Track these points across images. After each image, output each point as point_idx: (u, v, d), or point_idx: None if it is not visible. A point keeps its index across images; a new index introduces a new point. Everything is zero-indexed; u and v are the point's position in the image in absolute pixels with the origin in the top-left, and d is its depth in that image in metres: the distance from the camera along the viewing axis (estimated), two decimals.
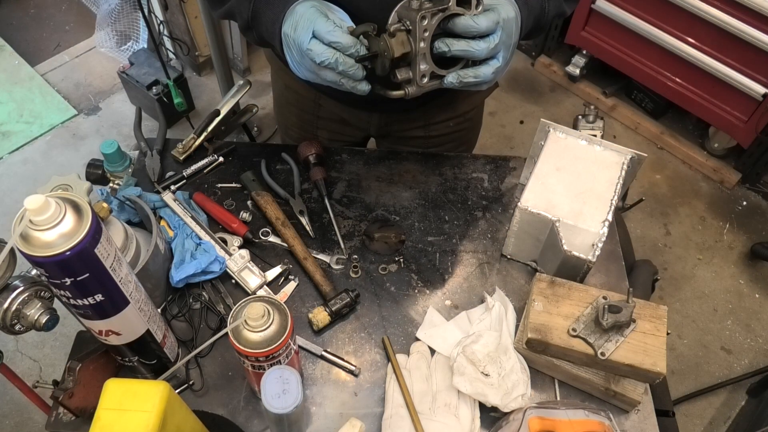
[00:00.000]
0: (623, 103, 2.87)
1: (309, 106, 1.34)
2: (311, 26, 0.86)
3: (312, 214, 1.19)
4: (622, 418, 0.97)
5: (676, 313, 2.28)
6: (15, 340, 2.08)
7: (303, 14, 0.88)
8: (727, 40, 2.26)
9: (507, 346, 0.96)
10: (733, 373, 2.14)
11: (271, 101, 1.54)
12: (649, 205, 2.58)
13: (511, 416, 0.89)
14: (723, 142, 2.64)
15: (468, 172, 1.28)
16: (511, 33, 0.91)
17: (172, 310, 1.06)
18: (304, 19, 0.87)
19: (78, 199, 0.69)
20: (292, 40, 0.89)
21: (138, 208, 1.07)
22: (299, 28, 0.88)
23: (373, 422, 0.95)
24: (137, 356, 0.89)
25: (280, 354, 0.82)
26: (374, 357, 1.02)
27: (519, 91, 2.99)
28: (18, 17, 3.26)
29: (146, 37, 2.83)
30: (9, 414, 1.97)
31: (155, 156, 1.23)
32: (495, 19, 0.87)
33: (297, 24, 0.88)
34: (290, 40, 0.89)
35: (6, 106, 2.83)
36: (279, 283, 1.10)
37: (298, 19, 0.88)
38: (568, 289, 0.98)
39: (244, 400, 0.97)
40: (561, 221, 1.00)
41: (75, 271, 0.68)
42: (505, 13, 0.88)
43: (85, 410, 0.91)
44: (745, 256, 2.44)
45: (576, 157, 1.08)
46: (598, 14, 2.60)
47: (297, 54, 0.90)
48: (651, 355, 0.91)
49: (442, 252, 1.16)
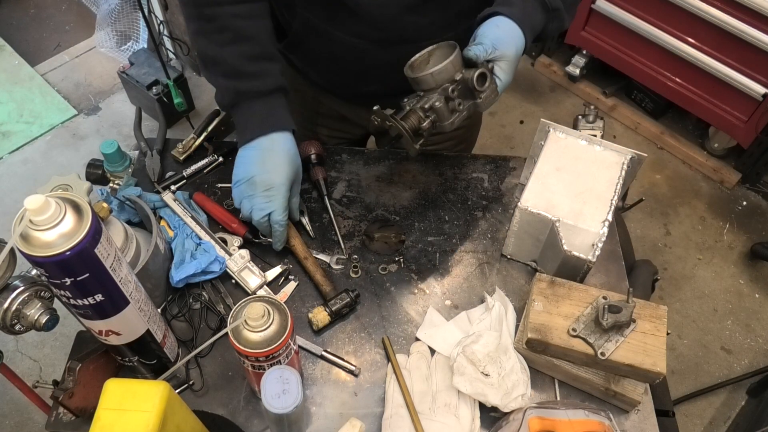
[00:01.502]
0: (623, 103, 2.86)
1: (309, 103, 1.35)
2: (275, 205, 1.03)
3: (312, 214, 1.19)
4: (622, 418, 0.97)
5: (676, 313, 2.28)
6: (15, 340, 2.08)
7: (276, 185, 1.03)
8: (727, 40, 2.26)
9: (507, 346, 0.96)
10: (733, 373, 2.14)
11: None
12: (649, 205, 2.58)
13: (511, 416, 0.89)
14: (723, 142, 2.64)
15: (468, 172, 1.28)
16: (513, 70, 1.00)
17: (172, 310, 1.06)
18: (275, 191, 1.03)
19: (78, 199, 0.69)
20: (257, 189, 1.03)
21: (138, 208, 1.07)
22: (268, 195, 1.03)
23: (373, 422, 0.95)
24: (137, 356, 0.89)
25: (280, 354, 0.82)
26: (374, 357, 1.02)
27: (519, 91, 2.99)
28: (18, 17, 3.26)
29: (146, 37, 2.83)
30: (9, 414, 1.97)
31: (155, 156, 1.23)
32: (507, 82, 0.99)
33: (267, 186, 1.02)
34: (261, 192, 1.03)
35: (6, 106, 2.83)
36: (279, 283, 1.10)
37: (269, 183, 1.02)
38: (568, 289, 0.98)
39: (244, 400, 0.97)
40: (561, 221, 1.00)
41: (75, 271, 0.68)
42: (512, 58, 0.97)
43: (85, 410, 0.91)
44: (745, 256, 2.44)
45: (576, 157, 1.08)
46: (598, 14, 2.60)
47: (249, 192, 1.04)
48: (651, 355, 0.91)
49: (442, 252, 1.16)
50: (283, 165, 1.02)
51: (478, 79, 0.94)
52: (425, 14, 1.03)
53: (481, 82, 0.95)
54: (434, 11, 1.03)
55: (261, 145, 1.02)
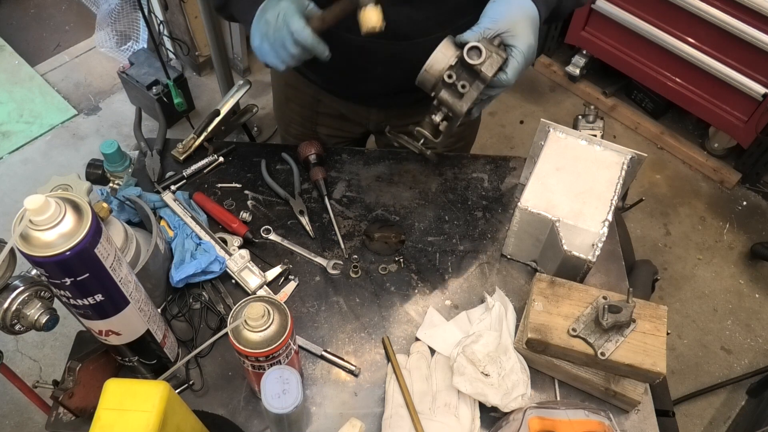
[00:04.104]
0: (623, 103, 2.86)
1: (308, 102, 1.35)
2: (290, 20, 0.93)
3: (312, 214, 1.19)
4: (622, 418, 0.97)
5: (676, 313, 2.28)
6: (15, 340, 2.08)
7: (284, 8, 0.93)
8: (727, 40, 2.26)
9: (507, 346, 0.96)
10: (733, 373, 2.14)
11: (271, 101, 1.54)
12: (649, 205, 2.58)
13: (511, 416, 0.89)
14: (723, 142, 2.64)
15: (468, 172, 1.28)
16: (532, 55, 0.94)
17: (172, 310, 1.06)
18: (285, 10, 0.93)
19: (78, 199, 0.69)
20: (274, 26, 0.93)
21: (138, 208, 1.07)
22: (283, 16, 0.93)
23: (373, 422, 0.95)
24: (137, 356, 0.89)
25: (280, 354, 0.82)
26: (374, 357, 1.02)
27: (519, 91, 2.99)
28: (18, 17, 3.26)
29: (146, 37, 2.83)
30: (9, 414, 1.97)
31: (155, 156, 1.23)
32: (519, 68, 0.92)
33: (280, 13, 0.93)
34: (273, 24, 0.93)
35: (6, 106, 2.83)
36: (279, 283, 1.10)
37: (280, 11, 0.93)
38: (568, 289, 0.98)
39: (244, 400, 0.97)
40: (561, 221, 1.00)
41: (75, 271, 0.68)
42: (521, 24, 0.91)
43: (85, 410, 0.91)
44: (745, 256, 2.44)
45: (576, 157, 1.08)
46: (598, 14, 2.59)
47: (274, 33, 0.94)
48: (651, 355, 0.91)
49: (442, 252, 1.16)
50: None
51: (469, 53, 0.90)
52: (419, 7, 1.02)
53: (475, 56, 0.90)
54: (428, 5, 1.03)
55: (260, 6, 0.97)
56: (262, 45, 0.96)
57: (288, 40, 0.93)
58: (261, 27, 0.96)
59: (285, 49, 0.94)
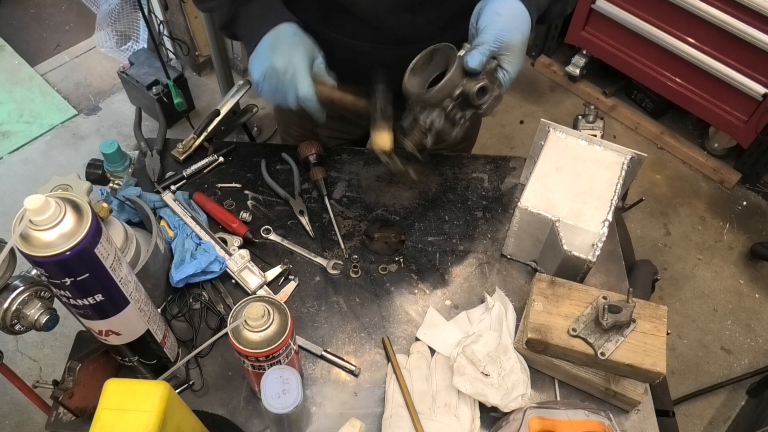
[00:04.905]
0: (623, 103, 2.86)
1: None
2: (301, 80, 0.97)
3: (312, 214, 1.19)
4: (622, 418, 0.97)
5: (676, 313, 2.28)
6: (15, 340, 2.08)
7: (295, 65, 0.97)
8: (727, 40, 2.26)
9: (507, 346, 0.96)
10: (733, 373, 2.14)
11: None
12: (649, 205, 2.58)
13: (511, 416, 0.89)
14: (723, 142, 2.64)
15: (468, 172, 1.28)
16: (522, 57, 0.96)
17: (172, 310, 1.06)
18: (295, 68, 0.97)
19: (78, 199, 0.69)
20: (282, 79, 0.97)
21: (138, 208, 1.07)
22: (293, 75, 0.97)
23: (373, 422, 0.95)
24: (137, 356, 0.89)
25: (280, 354, 0.82)
26: (374, 357, 1.02)
27: (519, 91, 2.99)
28: (18, 17, 3.26)
29: (146, 37, 2.83)
30: (9, 414, 1.97)
31: (155, 156, 1.23)
32: (516, 72, 0.95)
33: (289, 70, 0.97)
34: (281, 77, 0.97)
35: (6, 106, 2.83)
36: (279, 283, 1.10)
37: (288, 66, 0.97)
38: (568, 289, 0.98)
39: (244, 400, 0.97)
40: (561, 221, 1.00)
41: (75, 271, 0.68)
42: (518, 47, 0.93)
43: (85, 410, 0.91)
44: (745, 256, 2.44)
45: (576, 157, 1.08)
46: (598, 14, 2.60)
47: (277, 83, 0.98)
48: (651, 355, 0.91)
49: (442, 252, 1.16)
50: (295, 45, 0.99)
51: (478, 93, 0.91)
52: (421, 12, 1.03)
53: (482, 95, 0.92)
54: (430, 9, 1.03)
55: (267, 39, 0.99)
56: (263, 84, 1.00)
57: (291, 96, 0.98)
58: (266, 70, 0.98)
59: (284, 100, 1.00)
